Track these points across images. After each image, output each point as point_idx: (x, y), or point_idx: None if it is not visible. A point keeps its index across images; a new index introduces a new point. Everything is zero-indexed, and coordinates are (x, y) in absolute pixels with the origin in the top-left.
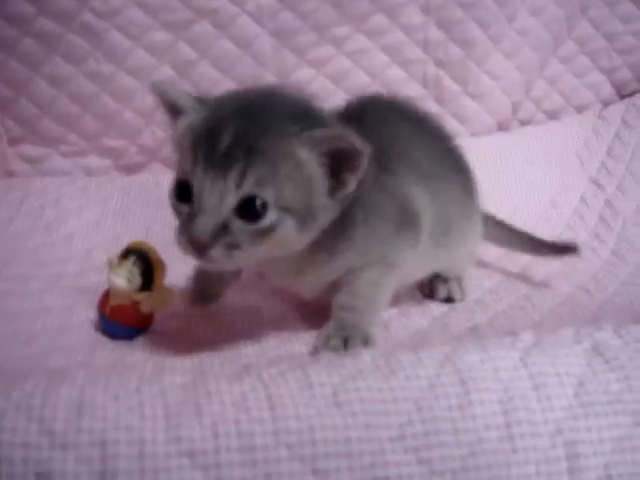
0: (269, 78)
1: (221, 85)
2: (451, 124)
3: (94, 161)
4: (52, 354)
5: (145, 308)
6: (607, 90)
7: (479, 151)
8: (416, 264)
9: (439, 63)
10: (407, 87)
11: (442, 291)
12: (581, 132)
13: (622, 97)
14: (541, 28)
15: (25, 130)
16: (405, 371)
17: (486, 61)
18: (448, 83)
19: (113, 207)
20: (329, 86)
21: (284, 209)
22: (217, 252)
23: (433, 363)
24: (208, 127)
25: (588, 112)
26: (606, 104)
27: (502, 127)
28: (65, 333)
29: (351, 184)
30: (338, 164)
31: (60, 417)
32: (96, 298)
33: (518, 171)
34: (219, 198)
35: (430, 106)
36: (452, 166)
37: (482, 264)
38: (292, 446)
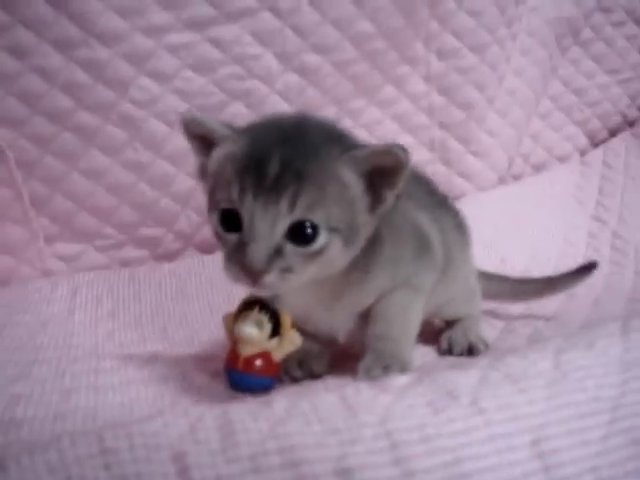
0: None
1: None
2: (458, 182)
3: (130, 252)
4: None
5: (277, 355)
6: (582, 140)
7: (489, 203)
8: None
9: (443, 126)
10: (416, 152)
11: (463, 340)
12: (571, 178)
13: (595, 145)
14: (525, 87)
15: (60, 227)
16: None
17: (484, 121)
18: (453, 144)
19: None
20: None
21: (332, 230)
22: (271, 277)
23: None
24: (254, 155)
25: (570, 161)
26: (582, 153)
27: (501, 182)
28: None
29: (389, 199)
30: (376, 181)
31: None
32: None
33: (529, 217)
34: (271, 224)
35: (438, 168)
36: (444, 201)
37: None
38: None
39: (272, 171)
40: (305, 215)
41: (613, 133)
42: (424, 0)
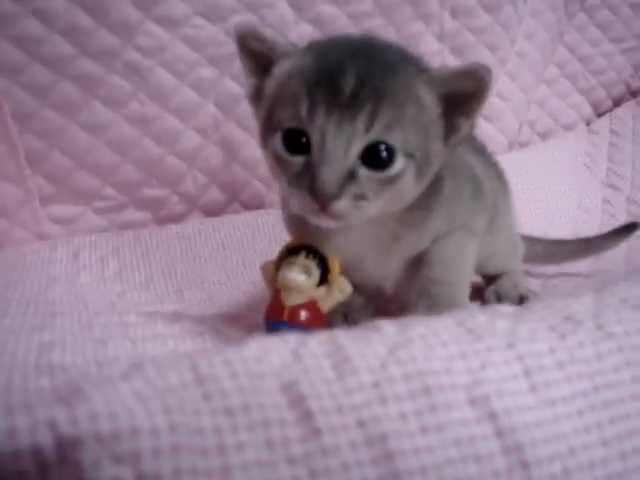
0: None
1: None
2: None
3: (132, 215)
4: None
5: (325, 304)
6: (587, 109)
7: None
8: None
9: None
10: None
11: (514, 292)
12: (579, 146)
13: (599, 115)
14: (534, 51)
15: (57, 187)
16: None
17: (495, 83)
18: None
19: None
20: None
21: (409, 155)
22: (344, 204)
23: None
24: (326, 69)
25: (576, 130)
26: (587, 122)
27: (510, 148)
28: None
29: (465, 129)
30: (453, 107)
31: None
32: None
33: (543, 183)
34: (346, 144)
35: None
36: (485, 148)
37: None
38: None
39: (348, 86)
40: (383, 136)
41: (617, 103)
42: None
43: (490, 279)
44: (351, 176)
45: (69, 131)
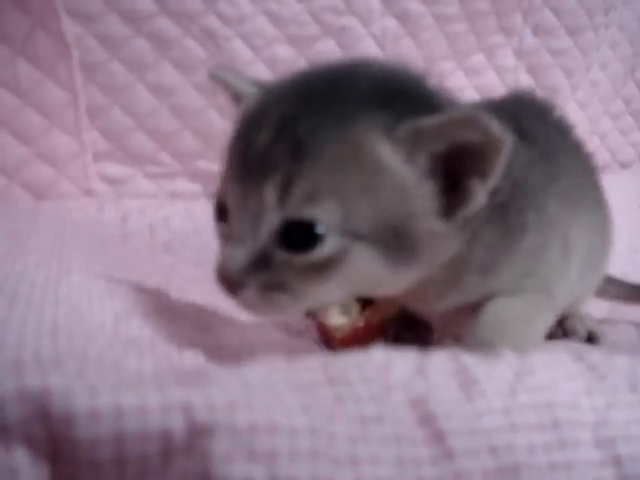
0: None
1: None
2: None
3: (182, 185)
4: None
5: (375, 319)
6: None
7: None
8: None
9: None
10: None
11: (582, 330)
12: (635, 186)
13: None
14: (607, 82)
15: (111, 145)
16: None
17: (564, 109)
18: None
19: None
20: None
21: (353, 234)
22: (251, 294)
23: None
24: (247, 119)
25: (632, 168)
26: None
27: None
28: None
29: (479, 196)
30: (456, 167)
31: None
32: None
33: None
34: (253, 220)
35: None
36: (600, 191)
37: None
38: None
39: (262, 142)
40: (302, 209)
41: None
42: None
43: None
44: (263, 259)
45: (134, 89)
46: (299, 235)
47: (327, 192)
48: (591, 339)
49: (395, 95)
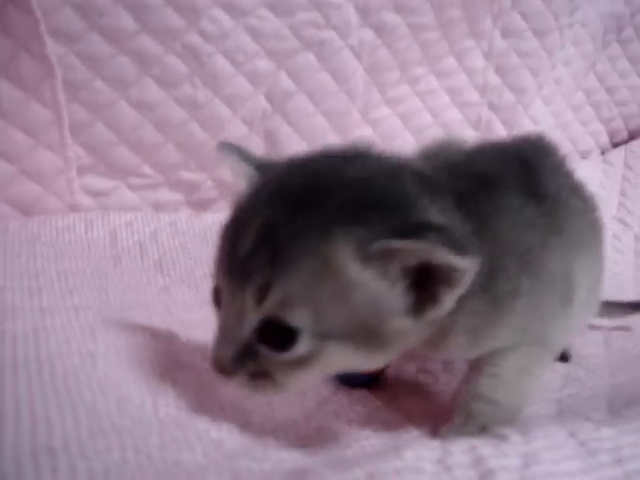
0: (355, 116)
1: (312, 118)
2: None
3: (165, 195)
4: None
5: None
6: (604, 138)
7: None
8: None
9: (492, 107)
10: (462, 129)
11: None
12: (595, 175)
13: (614, 145)
14: (569, 78)
15: (95, 159)
16: None
17: (530, 107)
18: (497, 126)
19: None
20: (399, 126)
21: (325, 335)
22: (240, 382)
23: None
24: (238, 212)
25: (591, 158)
26: (602, 151)
27: None
28: None
29: (446, 301)
30: (427, 274)
31: None
32: None
33: None
34: (238, 316)
35: None
36: (599, 234)
37: None
38: None
39: (246, 243)
40: (277, 313)
41: (632, 135)
42: None
43: None
44: (249, 351)
45: (117, 105)
46: (276, 335)
47: (300, 299)
48: (563, 358)
49: (370, 205)
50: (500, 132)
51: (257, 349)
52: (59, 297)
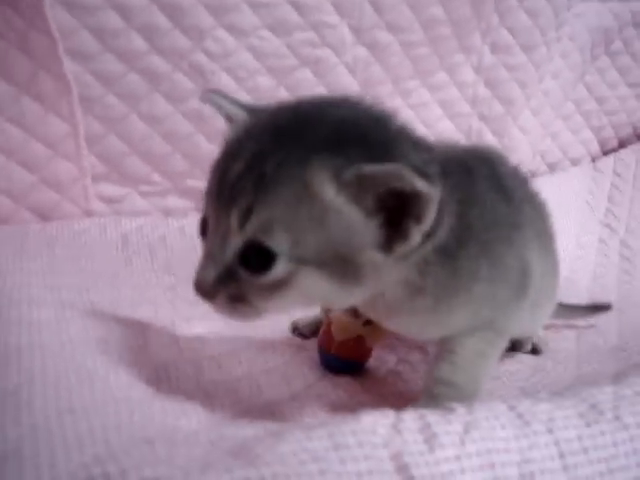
0: None
1: None
2: None
3: (174, 202)
4: None
5: (370, 341)
6: (594, 146)
7: None
8: None
9: (482, 117)
10: (453, 138)
11: (527, 344)
12: (584, 182)
13: (604, 152)
14: (558, 89)
15: (108, 168)
16: None
17: (519, 117)
18: (487, 136)
19: None
20: None
21: (301, 260)
22: (219, 304)
23: None
24: (229, 148)
25: (582, 165)
26: (593, 158)
27: None
28: None
29: (414, 236)
30: (397, 209)
31: None
32: None
33: None
34: (222, 240)
35: None
36: (553, 238)
37: None
38: None
39: (234, 171)
40: (258, 236)
41: (622, 143)
42: None
43: None
44: (230, 274)
45: (128, 119)
46: (256, 258)
47: (279, 223)
48: (535, 351)
49: (352, 140)
50: (490, 141)
51: (238, 273)
52: (76, 293)
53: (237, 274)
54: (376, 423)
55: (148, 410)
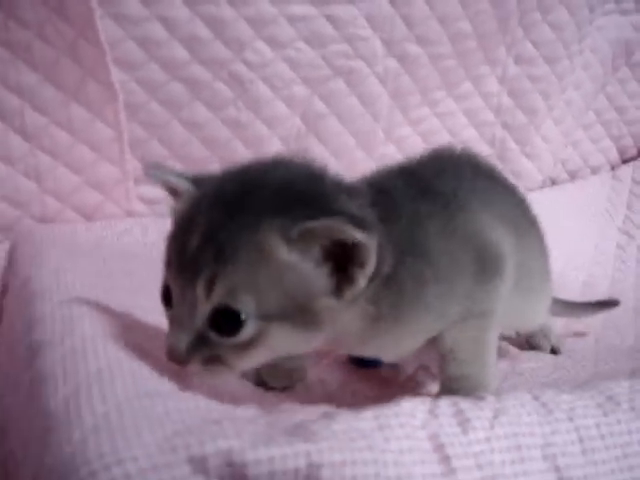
0: (379, 136)
1: (342, 137)
2: (510, 179)
3: None
4: None
5: None
6: (614, 154)
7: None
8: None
9: (506, 126)
10: (478, 146)
11: (546, 345)
12: (602, 190)
13: (623, 161)
14: (580, 100)
15: None
16: None
17: (541, 127)
18: (510, 144)
19: None
20: (420, 144)
21: (267, 317)
22: (195, 368)
23: None
24: (185, 219)
25: (601, 173)
26: (612, 166)
27: (544, 183)
28: None
29: (360, 281)
30: (343, 257)
31: None
32: None
33: (567, 223)
34: (189, 309)
35: (494, 163)
36: (529, 215)
37: None
38: None
39: (193, 243)
40: (224, 301)
41: None
42: (517, 8)
43: None
44: (202, 340)
45: (170, 125)
46: (225, 322)
47: (242, 287)
48: (554, 351)
49: (293, 200)
50: (513, 149)
51: (210, 337)
52: (127, 297)
53: (209, 338)
54: (415, 408)
55: (209, 399)
